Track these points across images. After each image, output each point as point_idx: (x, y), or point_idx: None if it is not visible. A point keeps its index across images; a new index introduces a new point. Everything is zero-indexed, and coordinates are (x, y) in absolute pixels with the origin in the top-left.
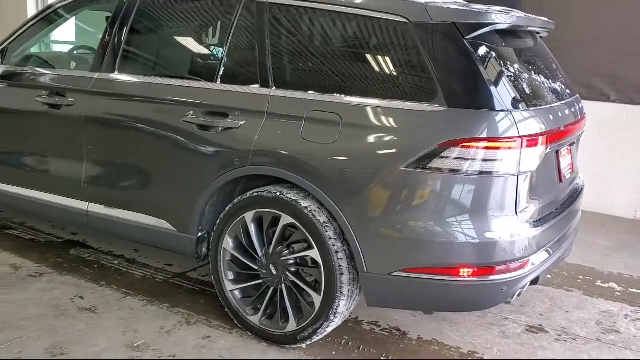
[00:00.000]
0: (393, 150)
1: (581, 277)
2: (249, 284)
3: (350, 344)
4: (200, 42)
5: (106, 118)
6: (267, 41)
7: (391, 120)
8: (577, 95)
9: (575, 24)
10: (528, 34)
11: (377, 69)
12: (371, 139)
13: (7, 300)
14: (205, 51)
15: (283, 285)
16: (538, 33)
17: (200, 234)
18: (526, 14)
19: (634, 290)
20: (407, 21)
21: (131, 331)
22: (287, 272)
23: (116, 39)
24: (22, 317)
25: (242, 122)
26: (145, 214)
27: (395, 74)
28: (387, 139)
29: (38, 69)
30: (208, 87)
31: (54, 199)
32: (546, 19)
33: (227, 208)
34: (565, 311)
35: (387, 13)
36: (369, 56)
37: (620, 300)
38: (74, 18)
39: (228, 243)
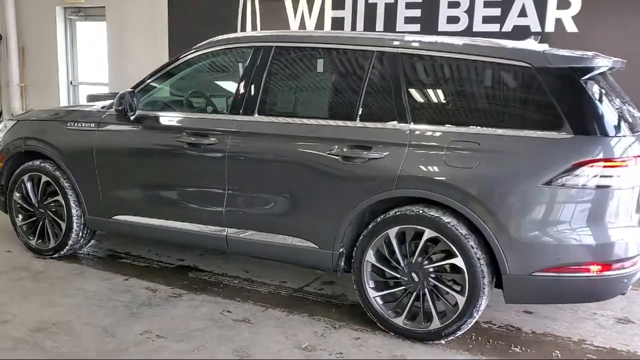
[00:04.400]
0: (530, 170)
1: None
2: (392, 290)
3: (479, 339)
4: (336, 87)
5: (251, 154)
6: (403, 84)
7: (526, 146)
8: None
9: None
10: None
11: (507, 104)
12: (510, 162)
13: (168, 317)
14: (341, 95)
15: (426, 290)
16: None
17: (340, 249)
18: (616, 58)
19: None
20: (530, 66)
21: (291, 335)
22: (429, 278)
23: (253, 87)
24: (191, 330)
25: (385, 153)
26: (287, 235)
27: (523, 107)
28: (524, 161)
29: (171, 114)
30: (350, 125)
31: (191, 227)
32: (623, 60)
33: (370, 226)
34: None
35: (512, 59)
36: (499, 94)
37: None
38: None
39: (370, 256)
